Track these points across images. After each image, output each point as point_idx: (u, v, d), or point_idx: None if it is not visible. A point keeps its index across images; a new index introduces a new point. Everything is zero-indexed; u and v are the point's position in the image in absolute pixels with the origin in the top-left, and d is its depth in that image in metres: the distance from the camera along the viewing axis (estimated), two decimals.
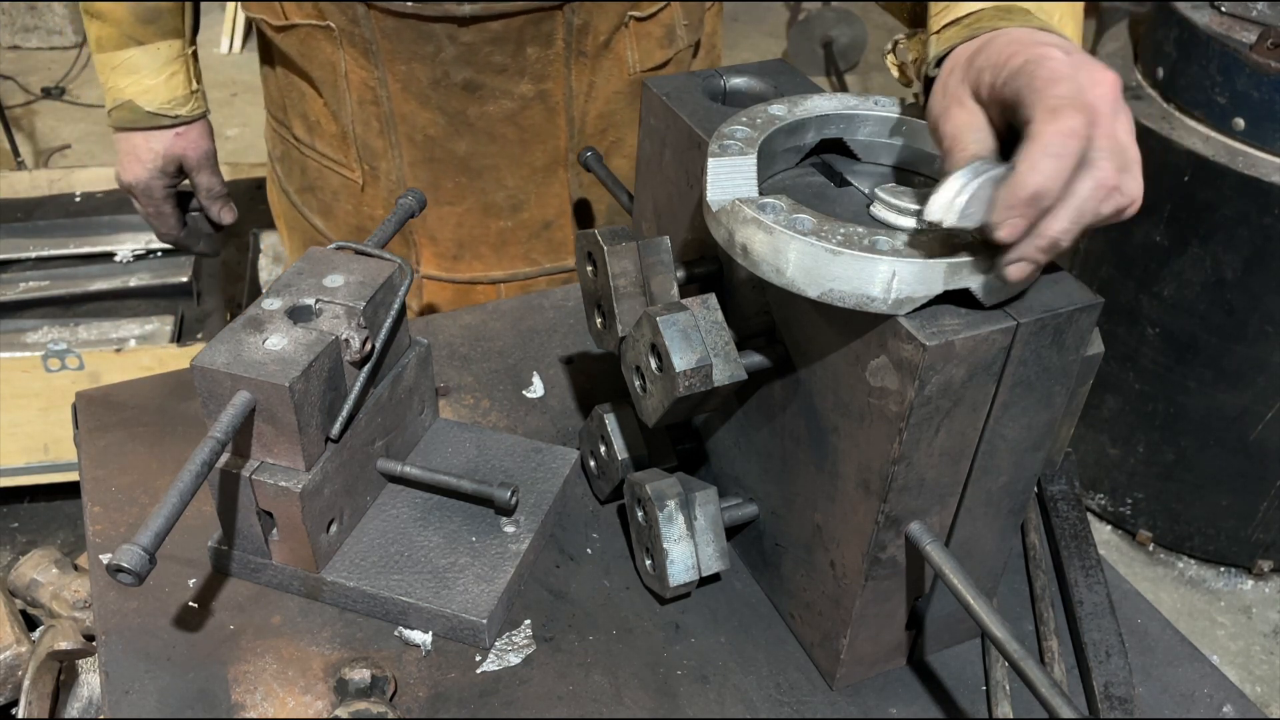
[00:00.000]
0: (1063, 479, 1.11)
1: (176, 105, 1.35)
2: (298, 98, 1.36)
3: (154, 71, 1.32)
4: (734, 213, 0.74)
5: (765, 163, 0.83)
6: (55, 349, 2.19)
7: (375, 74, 1.24)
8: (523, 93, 1.25)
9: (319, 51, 1.26)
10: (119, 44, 1.31)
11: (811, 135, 0.87)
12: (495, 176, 1.32)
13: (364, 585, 0.91)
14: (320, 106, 1.33)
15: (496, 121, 1.27)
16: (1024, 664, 0.71)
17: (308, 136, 1.38)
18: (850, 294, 0.70)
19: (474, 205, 1.34)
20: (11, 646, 1.85)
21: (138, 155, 1.36)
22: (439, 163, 1.30)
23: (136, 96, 1.32)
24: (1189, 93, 2.11)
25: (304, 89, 1.34)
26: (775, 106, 0.86)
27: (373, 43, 1.21)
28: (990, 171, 0.65)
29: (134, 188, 1.40)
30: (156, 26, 1.31)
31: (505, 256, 1.40)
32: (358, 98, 1.27)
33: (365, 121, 1.29)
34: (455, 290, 1.43)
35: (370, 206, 1.37)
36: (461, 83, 1.23)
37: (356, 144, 1.32)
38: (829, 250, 0.69)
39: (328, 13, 1.21)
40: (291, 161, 1.44)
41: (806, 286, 0.71)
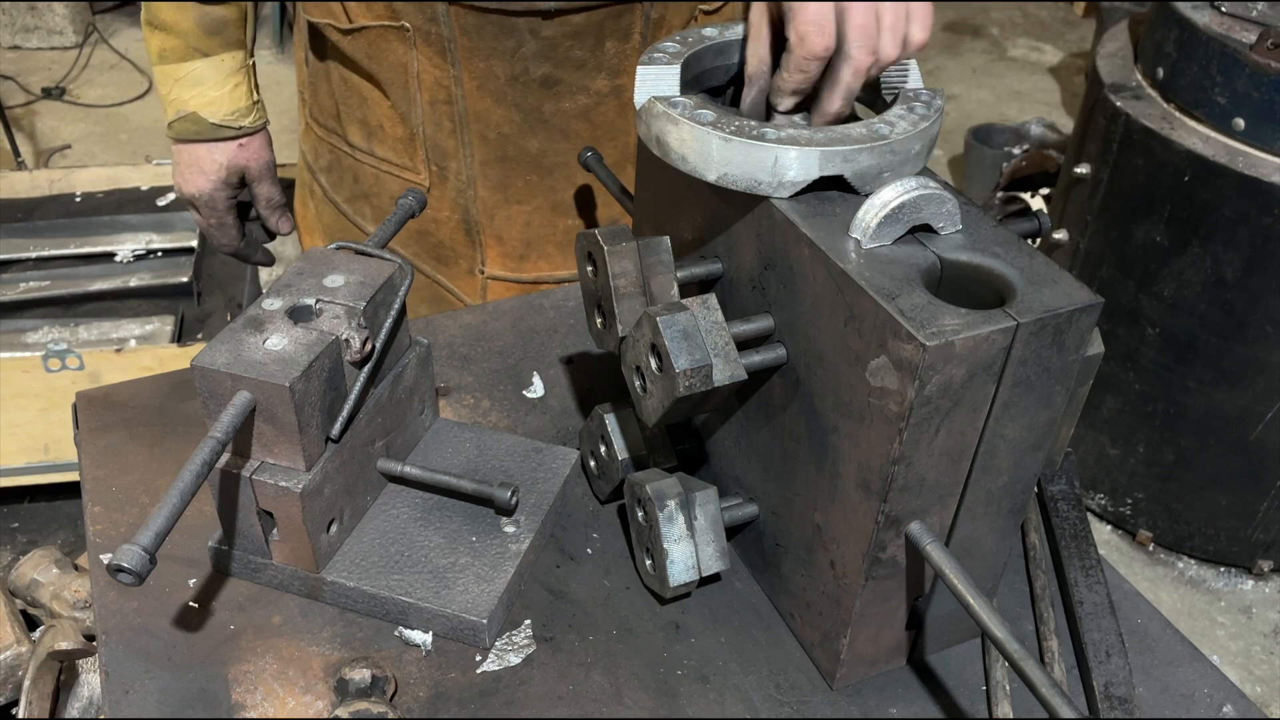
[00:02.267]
0: (1063, 479, 1.11)
1: (240, 116, 1.34)
2: (357, 103, 1.36)
3: (218, 83, 1.32)
4: (650, 109, 0.84)
5: (696, 80, 0.93)
6: (55, 349, 2.19)
7: (450, 72, 1.25)
8: (598, 88, 1.27)
9: (389, 53, 1.27)
10: (184, 56, 1.30)
11: (739, 56, 0.94)
12: (566, 174, 1.34)
13: (364, 585, 0.91)
14: (385, 109, 1.33)
15: (571, 118, 1.29)
16: (1024, 664, 0.71)
17: (365, 142, 1.38)
18: (741, 177, 0.80)
19: (543, 204, 1.36)
20: (11, 646, 1.84)
21: (201, 167, 1.36)
22: (510, 161, 1.31)
23: (201, 108, 1.32)
24: (1189, 93, 2.11)
25: (366, 93, 1.34)
26: (708, 29, 0.95)
27: (450, 40, 1.22)
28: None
29: (197, 199, 1.39)
30: (221, 38, 1.31)
31: (572, 255, 1.41)
32: (429, 97, 1.28)
33: (436, 121, 1.30)
34: (520, 290, 1.43)
35: (435, 209, 1.38)
36: (540, 78, 1.24)
37: (425, 145, 1.32)
38: (722, 138, 0.79)
39: (403, 13, 1.22)
40: (343, 170, 1.44)
41: (706, 171, 0.81)
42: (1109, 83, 2.27)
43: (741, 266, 0.88)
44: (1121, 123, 2.18)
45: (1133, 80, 2.28)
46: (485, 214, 1.36)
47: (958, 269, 0.78)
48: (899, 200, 0.76)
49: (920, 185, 0.77)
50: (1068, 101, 4.70)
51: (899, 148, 0.79)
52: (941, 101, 0.85)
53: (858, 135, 0.79)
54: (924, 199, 0.77)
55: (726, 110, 0.82)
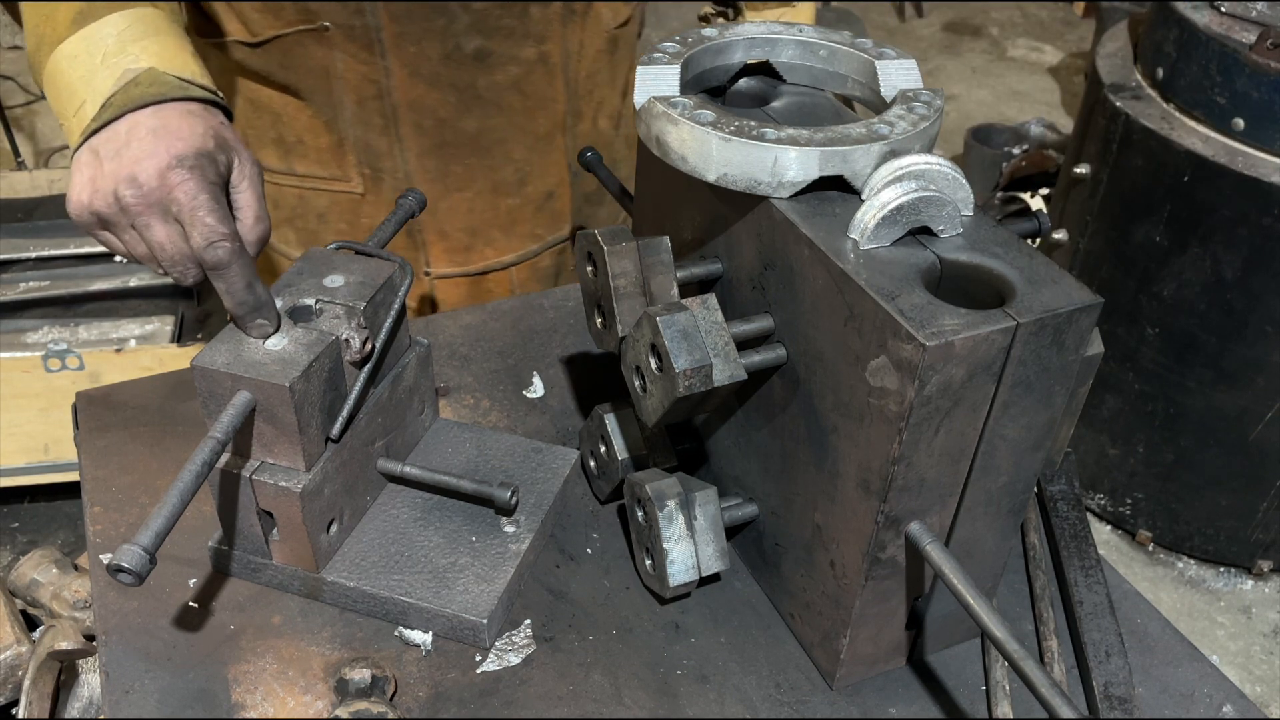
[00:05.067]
0: (1063, 479, 1.11)
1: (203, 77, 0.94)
2: (269, 122, 1.29)
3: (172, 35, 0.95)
4: (650, 109, 0.83)
5: (696, 80, 0.93)
6: (55, 349, 2.19)
7: (379, 64, 1.22)
8: (527, 56, 1.26)
9: (306, 58, 1.22)
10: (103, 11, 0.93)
11: (739, 56, 0.95)
12: (503, 151, 1.33)
13: (364, 585, 0.91)
14: (305, 121, 1.28)
15: (504, 90, 1.28)
16: (1024, 664, 0.71)
17: (283, 162, 1.32)
18: (741, 177, 0.80)
19: (484, 186, 1.35)
20: (11, 646, 1.85)
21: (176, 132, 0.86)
22: (448, 146, 1.30)
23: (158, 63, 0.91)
24: (1189, 93, 2.11)
25: (279, 108, 1.27)
26: (707, 29, 0.94)
27: (378, 30, 1.19)
28: None
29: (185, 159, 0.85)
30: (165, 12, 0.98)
31: (514, 236, 1.40)
32: (356, 97, 1.25)
33: (366, 121, 1.27)
34: (469, 285, 1.42)
35: (371, 215, 1.35)
36: (473, 53, 1.23)
37: (355, 149, 1.29)
38: (722, 138, 0.78)
39: (320, 13, 1.18)
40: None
41: (706, 171, 0.80)
42: (1109, 83, 2.27)
43: (741, 266, 0.88)
44: (1121, 123, 2.18)
45: (1132, 80, 2.28)
46: (427, 210, 1.32)
47: (957, 269, 0.78)
48: (898, 202, 0.76)
49: (920, 187, 0.77)
50: (1067, 101, 4.70)
51: (899, 148, 0.79)
52: (941, 101, 0.85)
53: (858, 135, 0.79)
54: (923, 201, 0.77)
55: (726, 110, 0.82)
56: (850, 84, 0.95)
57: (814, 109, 0.95)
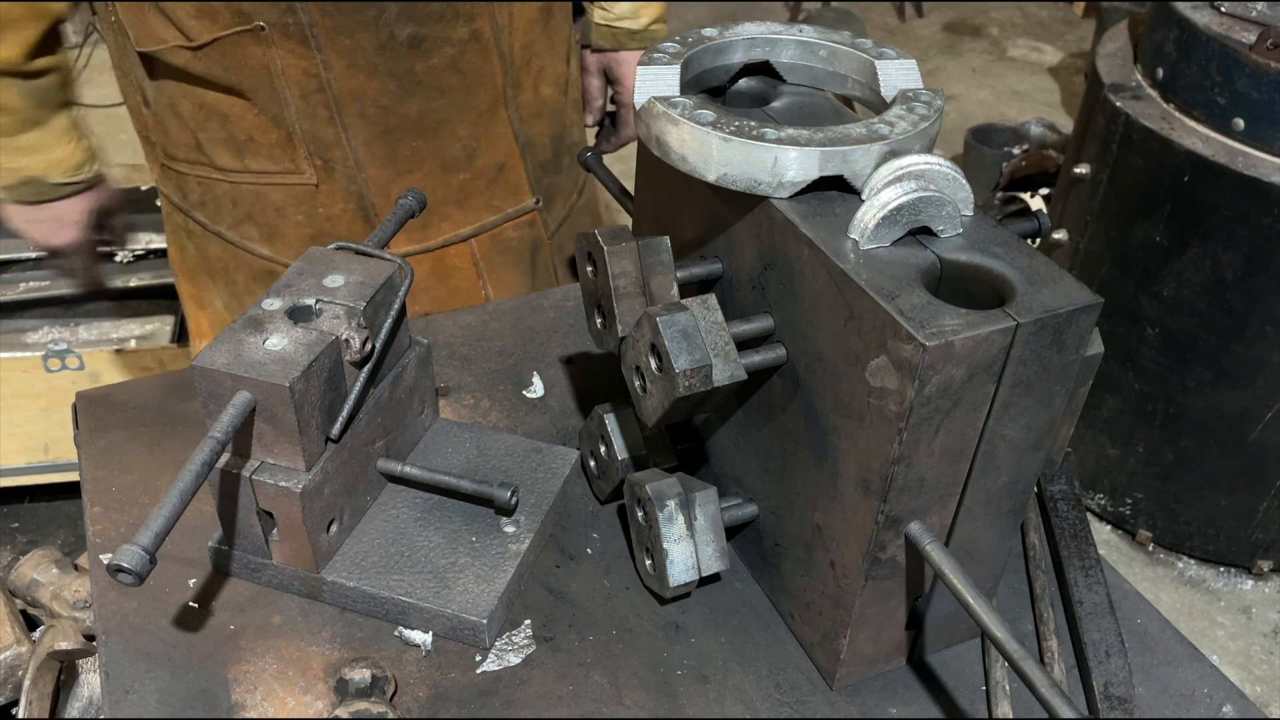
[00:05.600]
0: (1063, 479, 1.11)
1: (81, 169, 1.38)
2: (219, 123, 1.33)
3: (54, 145, 1.35)
4: (650, 109, 0.83)
5: (696, 80, 0.93)
6: (55, 349, 2.19)
7: (318, 58, 1.25)
8: (459, 36, 1.29)
9: (247, 58, 1.25)
10: (17, 130, 1.32)
11: (739, 56, 0.95)
12: (449, 130, 1.35)
13: (364, 585, 0.91)
14: (252, 119, 1.31)
15: (441, 72, 1.30)
16: (1024, 664, 0.71)
17: (236, 161, 1.36)
18: (741, 177, 0.80)
19: (433, 166, 1.37)
20: (11, 646, 1.85)
21: (64, 220, 1.40)
22: (394, 132, 1.33)
23: (43, 171, 1.35)
24: (1189, 93, 2.11)
25: (227, 109, 1.31)
26: (707, 29, 0.95)
27: (311, 26, 1.22)
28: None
29: (70, 249, 1.43)
30: (49, 105, 1.33)
31: (470, 209, 1.43)
32: (299, 92, 1.27)
33: (311, 114, 1.29)
34: (430, 261, 1.44)
35: (327, 205, 1.37)
36: (407, 39, 1.26)
37: (305, 142, 1.32)
38: (722, 138, 0.78)
39: (254, 13, 1.21)
40: (218, 198, 1.40)
41: (706, 171, 0.81)
42: (1109, 83, 2.27)
43: (741, 266, 0.88)
44: (1121, 123, 2.18)
45: (1132, 80, 2.28)
46: (379, 192, 1.36)
47: (957, 269, 0.78)
48: (898, 202, 0.76)
49: (920, 187, 0.77)
50: (1067, 101, 4.70)
51: (899, 148, 0.79)
52: (941, 101, 0.85)
53: (858, 135, 0.79)
54: (923, 201, 0.77)
55: (726, 110, 0.82)
56: (850, 84, 0.95)
57: (814, 109, 0.95)
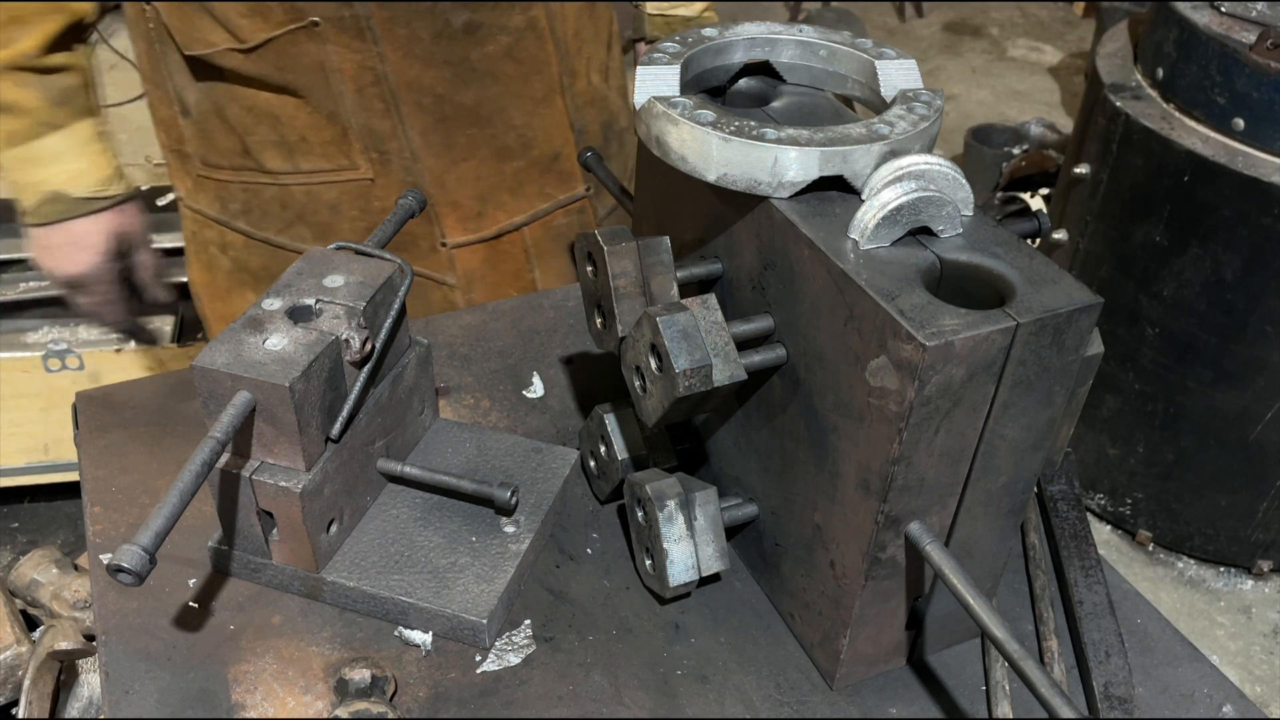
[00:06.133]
0: (1063, 479, 1.11)
1: (108, 183, 1.29)
2: (269, 126, 1.31)
3: (76, 154, 1.26)
4: (650, 109, 0.83)
5: (696, 80, 0.93)
6: (55, 349, 2.19)
7: (374, 50, 1.24)
8: (515, 24, 1.29)
9: (302, 56, 1.24)
10: (33, 133, 1.23)
11: (739, 56, 0.95)
12: (504, 118, 1.35)
13: (364, 585, 0.91)
14: (305, 118, 1.30)
15: (497, 60, 1.30)
16: (1024, 664, 0.71)
17: (287, 163, 1.33)
18: (741, 177, 0.80)
19: (488, 154, 1.36)
20: (11, 646, 1.85)
21: (81, 244, 1.29)
22: (449, 120, 1.32)
23: (65, 185, 1.25)
24: (1189, 93, 2.11)
25: (279, 110, 1.29)
26: (707, 29, 0.95)
27: (367, 18, 1.21)
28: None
29: (84, 278, 1.32)
30: (70, 108, 1.25)
31: (523, 197, 1.42)
32: (355, 86, 1.27)
33: (367, 107, 1.29)
34: (485, 250, 1.44)
35: (383, 198, 1.37)
36: (462, 27, 1.25)
37: (360, 137, 1.31)
38: (722, 138, 0.78)
39: (308, 10, 1.20)
40: (265, 205, 1.38)
41: (706, 171, 0.80)
42: (1109, 83, 2.27)
43: (741, 266, 0.88)
44: (1121, 123, 2.18)
45: (1132, 80, 2.28)
46: (435, 183, 1.35)
47: (957, 269, 0.78)
48: (898, 202, 0.76)
49: (920, 187, 0.77)
50: (1067, 101, 4.70)
51: (899, 148, 0.79)
52: (941, 101, 0.85)
53: (858, 135, 0.79)
54: (923, 201, 0.77)
55: (726, 110, 0.82)
56: (850, 84, 0.95)
57: (814, 109, 0.95)
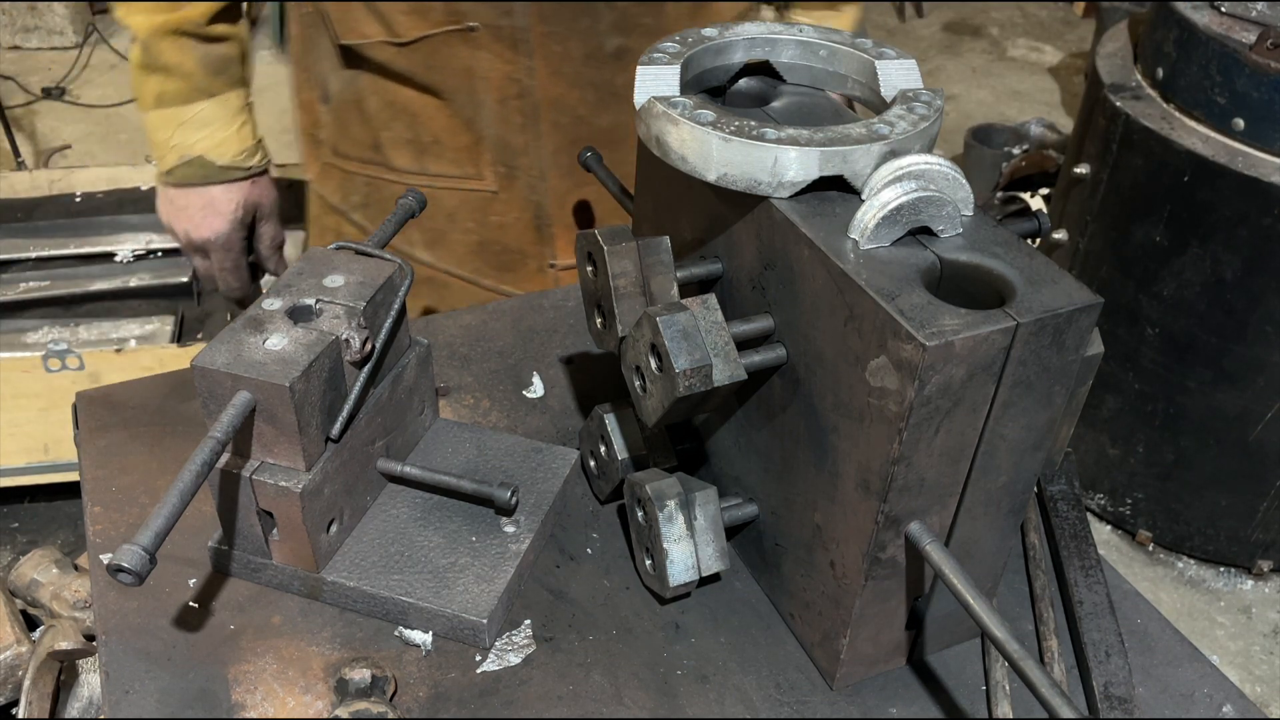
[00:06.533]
0: (1063, 479, 1.11)
1: (248, 155, 1.33)
2: (406, 123, 1.32)
3: (225, 123, 1.30)
4: (650, 109, 0.83)
5: (697, 80, 0.93)
6: (55, 349, 2.19)
7: (524, 64, 1.24)
8: None
9: (452, 59, 1.25)
10: (188, 98, 1.28)
11: (739, 56, 0.95)
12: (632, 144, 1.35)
13: (364, 585, 0.91)
14: (443, 121, 1.30)
15: None
16: (1024, 664, 0.71)
17: (415, 162, 1.35)
18: (741, 177, 0.79)
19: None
20: (11, 646, 1.85)
21: (217, 209, 1.34)
22: (582, 142, 1.32)
23: (209, 151, 1.30)
24: (1189, 93, 2.11)
25: (418, 109, 1.31)
26: (707, 29, 0.95)
27: (525, 31, 1.21)
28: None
29: (213, 243, 1.37)
30: (225, 77, 1.29)
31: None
32: (499, 96, 1.27)
33: (505, 119, 1.29)
34: None
35: (502, 213, 1.36)
36: (613, 51, 1.25)
37: (492, 148, 1.31)
38: (722, 138, 0.78)
39: (469, 14, 1.20)
40: (384, 202, 1.40)
41: (706, 171, 0.80)
42: (1109, 83, 2.27)
43: (741, 266, 0.88)
44: (1121, 123, 2.18)
45: (1132, 80, 2.28)
46: (557, 203, 1.34)
47: (957, 269, 0.78)
48: (898, 202, 0.76)
49: (920, 187, 0.77)
50: (1067, 101, 4.70)
51: (899, 148, 0.79)
52: (941, 101, 0.85)
53: (858, 135, 0.79)
54: (923, 201, 0.77)
55: (726, 110, 0.82)
56: (850, 84, 0.95)
57: (814, 109, 0.95)
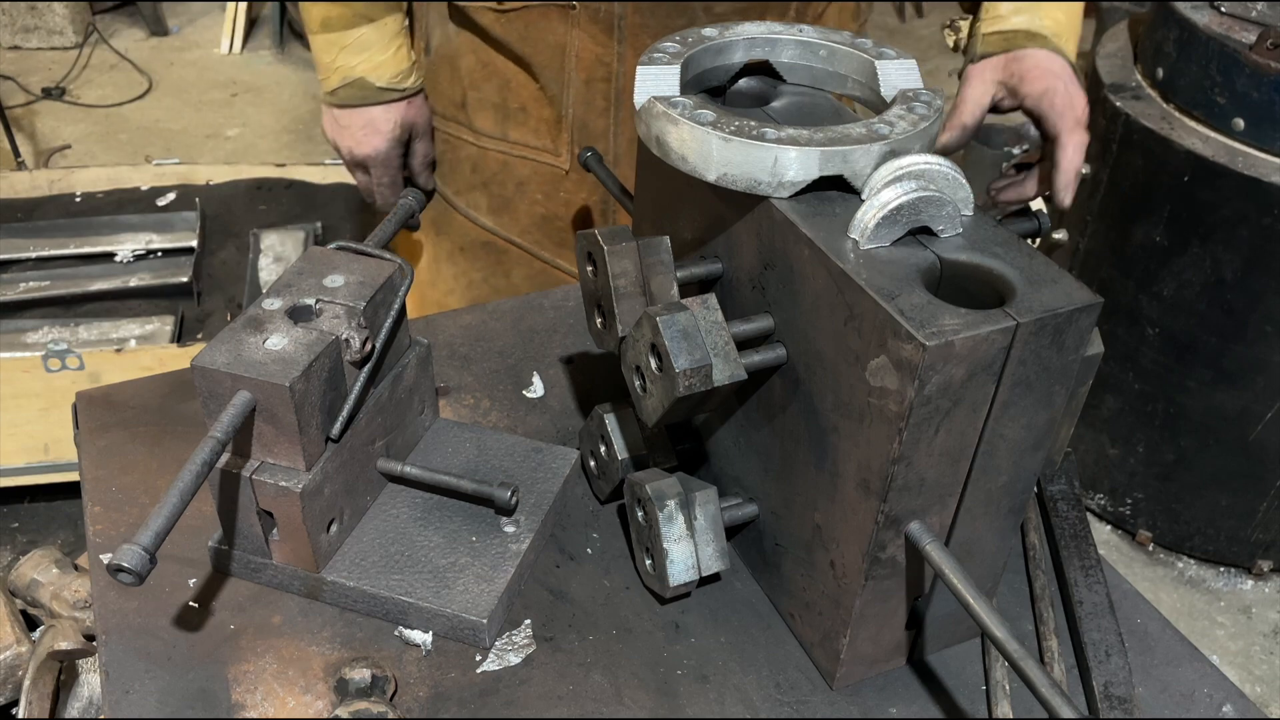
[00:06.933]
0: (1063, 479, 1.11)
1: (404, 77, 1.38)
2: (495, 87, 1.36)
3: (384, 47, 1.35)
4: (650, 109, 0.83)
5: (697, 80, 0.93)
6: (55, 349, 2.19)
7: (614, 49, 1.26)
8: None
9: (548, 32, 1.27)
10: (350, 23, 1.32)
11: (739, 55, 0.95)
12: None
13: (364, 585, 0.91)
14: (531, 92, 1.34)
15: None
16: (1024, 664, 0.71)
17: (498, 127, 1.39)
18: (741, 177, 0.80)
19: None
20: (11, 646, 1.85)
21: (377, 127, 1.39)
22: None
23: (368, 73, 1.35)
24: (1189, 93, 2.11)
25: (510, 75, 1.35)
26: (707, 29, 0.94)
27: (620, 17, 1.23)
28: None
29: (373, 159, 1.42)
30: (384, 3, 1.33)
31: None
32: (586, 76, 1.29)
33: (589, 101, 1.31)
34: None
35: (571, 192, 1.39)
36: None
37: (572, 127, 1.33)
38: (722, 138, 0.78)
39: None
40: (458, 160, 1.45)
41: (706, 171, 0.80)
42: (1109, 83, 2.27)
43: (741, 266, 0.88)
44: (1121, 123, 2.18)
45: (1132, 80, 2.28)
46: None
47: (957, 269, 0.78)
48: (898, 201, 0.76)
49: (920, 187, 0.77)
50: None
51: (899, 148, 0.79)
52: (941, 101, 0.85)
53: (857, 135, 0.79)
54: (923, 201, 0.77)
55: (726, 110, 0.82)
56: (850, 84, 0.95)
57: (814, 109, 0.95)
